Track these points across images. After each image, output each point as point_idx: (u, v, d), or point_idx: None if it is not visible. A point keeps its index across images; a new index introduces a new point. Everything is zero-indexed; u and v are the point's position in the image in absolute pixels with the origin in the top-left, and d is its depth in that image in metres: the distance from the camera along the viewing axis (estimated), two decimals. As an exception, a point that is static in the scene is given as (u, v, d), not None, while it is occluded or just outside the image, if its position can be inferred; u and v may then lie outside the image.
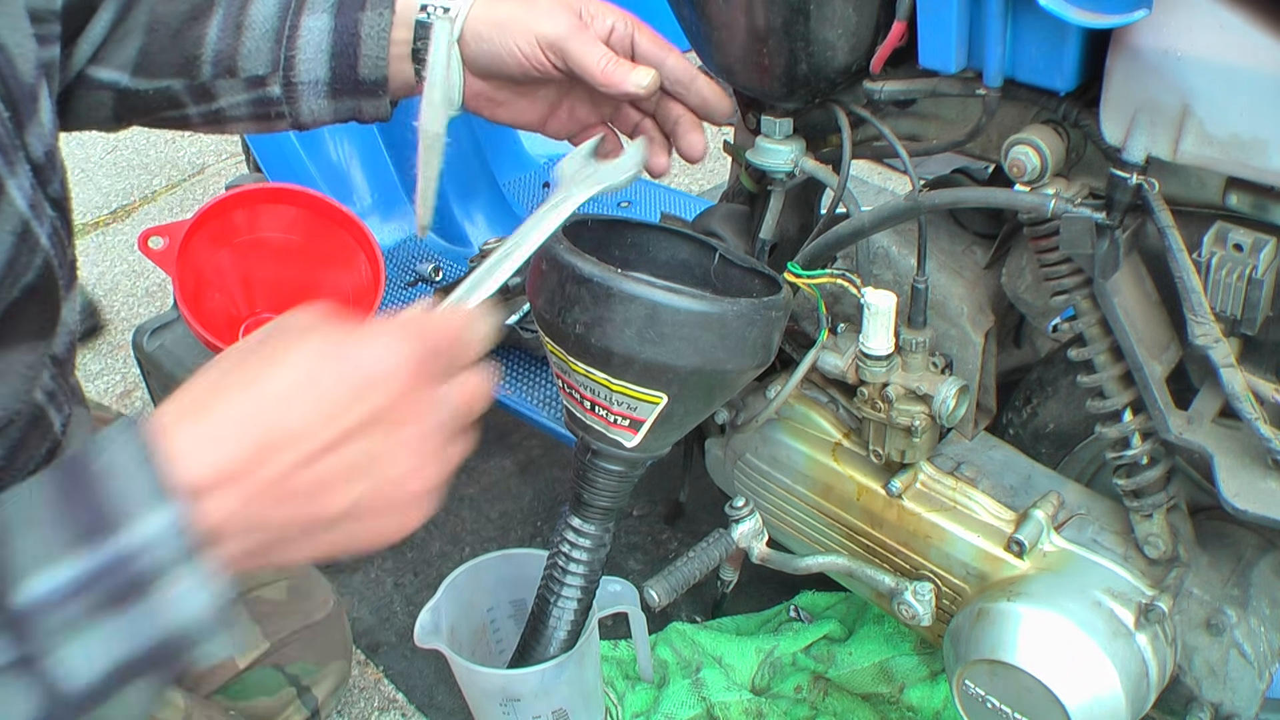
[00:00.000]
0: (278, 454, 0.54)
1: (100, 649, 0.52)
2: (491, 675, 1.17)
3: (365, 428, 0.56)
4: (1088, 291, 0.95)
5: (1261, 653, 1.01)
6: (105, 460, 0.53)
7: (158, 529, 0.52)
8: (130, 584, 0.52)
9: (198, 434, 0.54)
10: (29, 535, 0.52)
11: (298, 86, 0.93)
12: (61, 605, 0.51)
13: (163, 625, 0.53)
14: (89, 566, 0.51)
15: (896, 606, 1.14)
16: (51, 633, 0.51)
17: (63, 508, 0.52)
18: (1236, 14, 0.74)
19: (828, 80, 0.96)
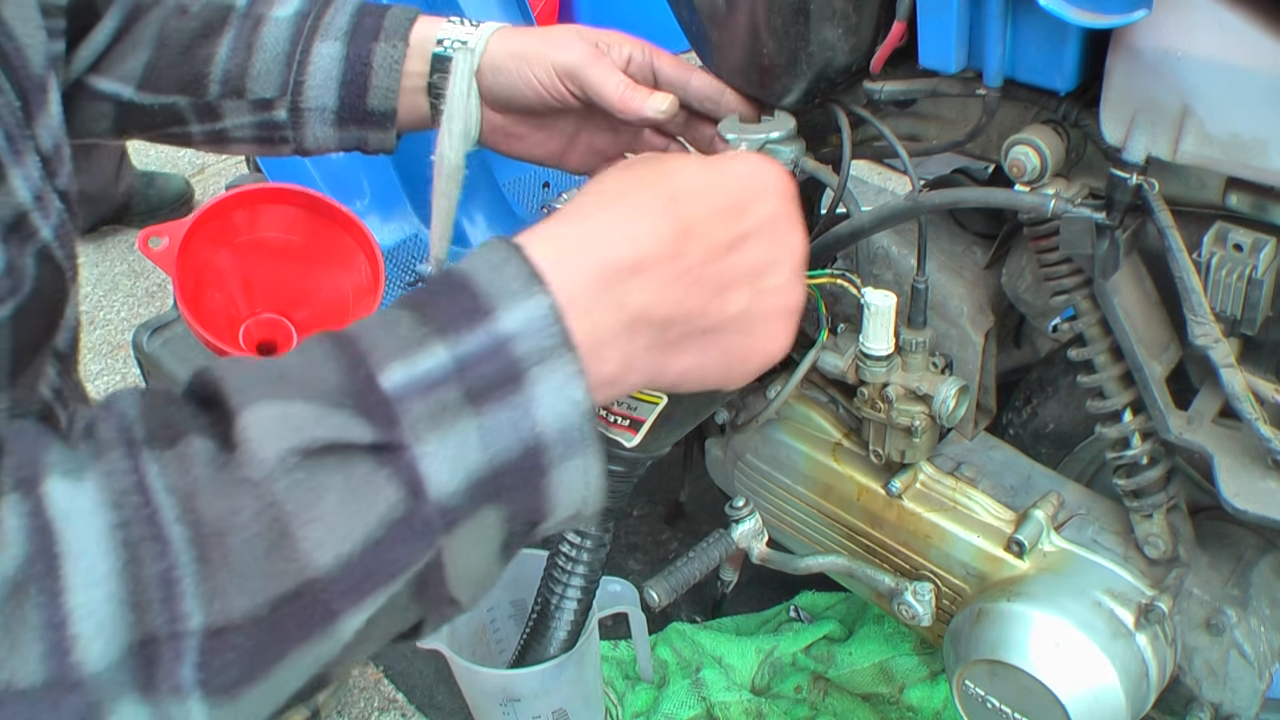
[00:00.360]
0: (692, 242, 0.55)
1: (463, 453, 0.48)
2: (491, 675, 1.17)
3: (759, 232, 0.57)
4: (1088, 291, 0.95)
5: (1261, 653, 1.01)
6: (467, 263, 0.51)
7: (532, 316, 0.49)
8: (500, 373, 0.48)
9: (612, 224, 0.54)
10: (391, 330, 0.49)
11: (305, 112, 0.92)
12: (428, 392, 0.47)
13: (527, 428, 0.49)
14: (458, 353, 0.48)
15: (896, 606, 1.14)
16: (416, 422, 0.47)
17: (424, 307, 0.50)
18: (1236, 14, 0.74)
19: (828, 80, 0.96)
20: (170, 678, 0.44)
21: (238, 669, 0.45)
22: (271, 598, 0.45)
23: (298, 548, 0.45)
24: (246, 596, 0.45)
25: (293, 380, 0.47)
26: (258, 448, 0.45)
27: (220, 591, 0.44)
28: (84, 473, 0.44)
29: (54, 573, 0.42)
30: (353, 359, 0.48)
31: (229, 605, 0.44)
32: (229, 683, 0.45)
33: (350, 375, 0.48)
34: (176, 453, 0.45)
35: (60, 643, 0.42)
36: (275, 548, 0.45)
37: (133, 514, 0.44)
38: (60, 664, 0.42)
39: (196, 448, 0.46)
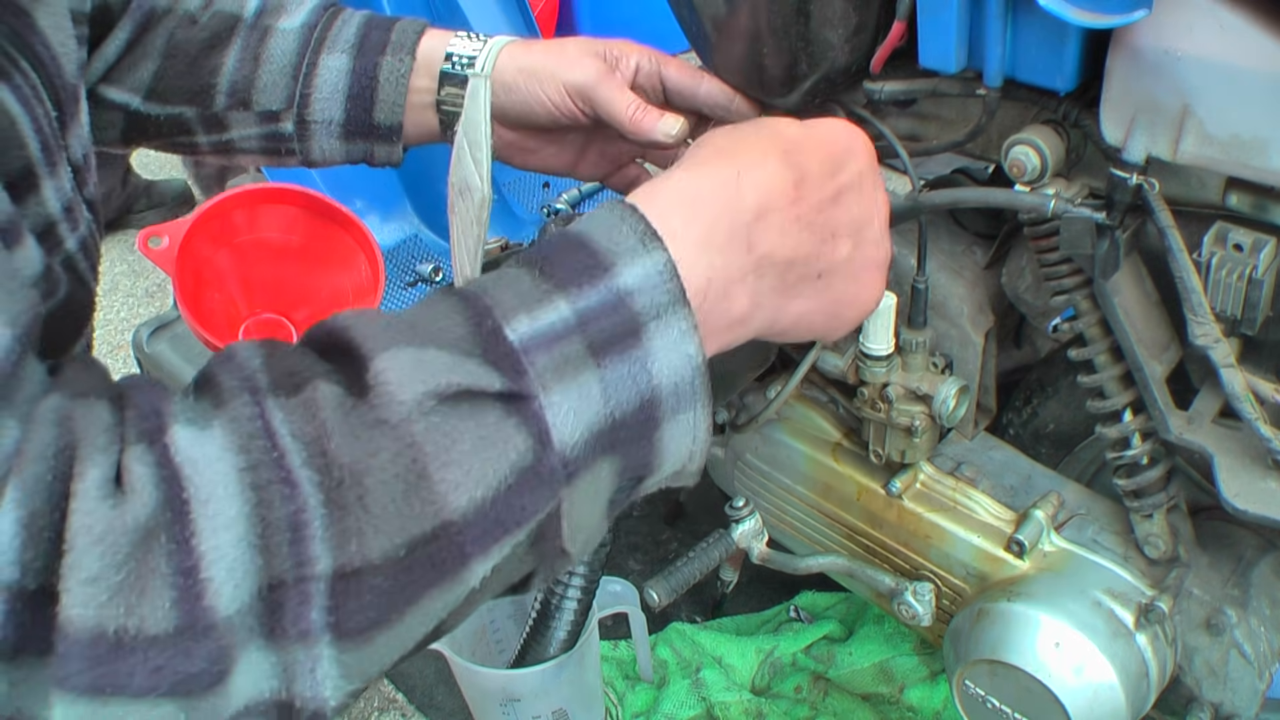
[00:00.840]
0: (806, 188, 0.58)
1: (586, 402, 0.49)
2: (491, 675, 1.17)
3: (855, 187, 0.62)
4: (1088, 291, 0.95)
5: (1261, 653, 1.01)
6: (583, 225, 0.53)
7: (649, 271, 0.51)
8: (620, 326, 0.50)
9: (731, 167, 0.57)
10: (512, 286, 0.51)
11: (311, 125, 0.92)
12: (553, 345, 0.49)
13: (646, 379, 0.51)
14: (579, 307, 0.50)
15: (896, 606, 1.14)
16: (543, 373, 0.49)
17: (543, 264, 0.51)
18: (1236, 14, 0.74)
19: (828, 80, 0.96)
20: (298, 622, 0.44)
21: (374, 611, 0.45)
22: (409, 539, 0.45)
23: (435, 490, 0.46)
24: (385, 538, 0.45)
25: (422, 329, 0.48)
26: (396, 390, 0.46)
27: (355, 533, 0.44)
28: (209, 420, 0.45)
29: (184, 519, 0.42)
30: (478, 312, 0.49)
31: (366, 547, 0.44)
32: (363, 625, 0.45)
33: (477, 327, 0.49)
34: (302, 399, 0.46)
35: (191, 588, 0.42)
36: (414, 489, 0.45)
37: (260, 458, 0.44)
38: (191, 609, 0.42)
39: (324, 393, 0.46)
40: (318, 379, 0.47)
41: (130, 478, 0.43)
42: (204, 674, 0.43)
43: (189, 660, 0.43)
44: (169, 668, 0.42)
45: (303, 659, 0.45)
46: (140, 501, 0.42)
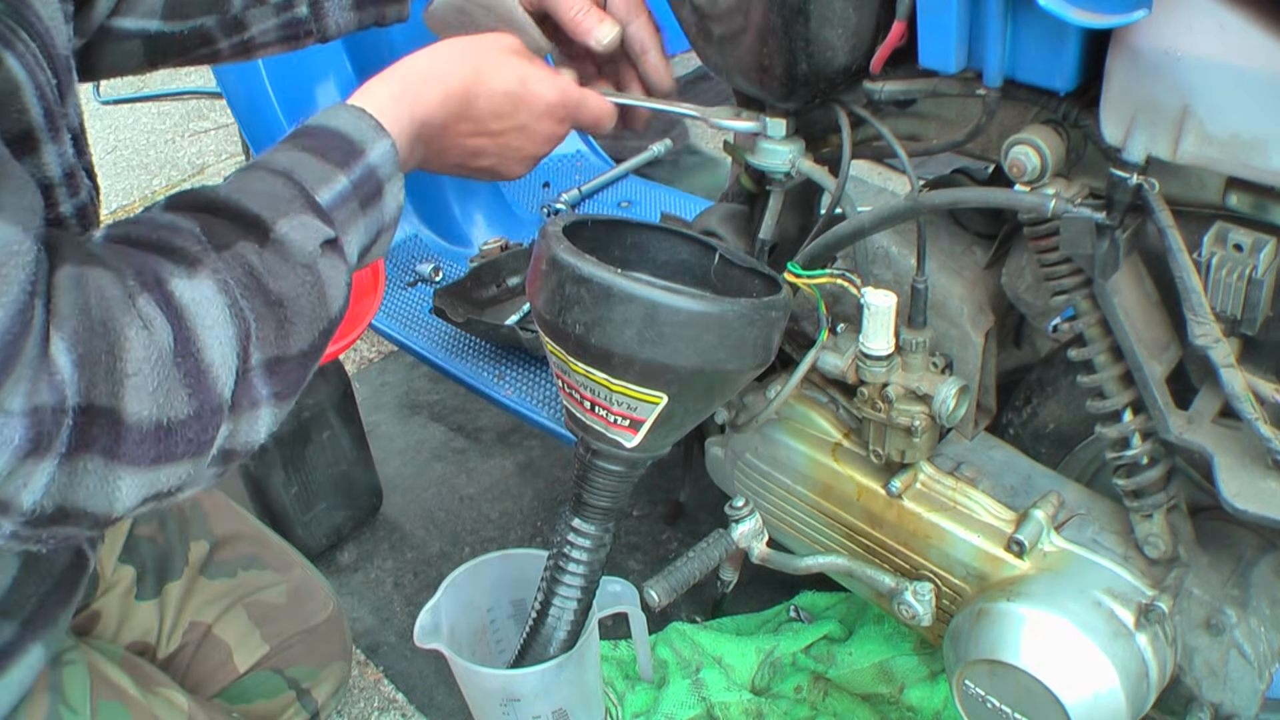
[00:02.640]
0: (465, 124, 0.89)
1: (360, 237, 0.79)
2: (491, 675, 1.17)
3: (515, 131, 0.92)
4: (1088, 291, 0.95)
5: (1261, 653, 1.01)
6: (337, 121, 0.79)
7: (383, 152, 0.80)
8: (376, 187, 0.79)
9: (431, 97, 0.85)
10: (308, 169, 0.75)
11: (324, 4, 1.02)
12: (343, 205, 0.76)
13: (384, 216, 0.81)
14: (353, 177, 0.77)
15: (896, 606, 1.14)
16: (342, 222, 0.76)
17: (321, 151, 0.77)
18: (1236, 14, 0.74)
19: (828, 80, 0.96)
20: (248, 395, 0.69)
21: (297, 381, 0.73)
22: (317, 333, 0.73)
23: (329, 303, 0.74)
24: (306, 336, 0.72)
25: (282, 202, 0.73)
26: (302, 244, 0.72)
27: (287, 335, 0.70)
28: (195, 271, 0.66)
29: (195, 341, 0.65)
30: (299, 189, 0.74)
31: (291, 345, 0.71)
32: (292, 389, 0.73)
33: (305, 198, 0.74)
34: (234, 253, 0.69)
35: (207, 384, 0.65)
36: (320, 303, 0.73)
37: (232, 295, 0.67)
38: (206, 397, 0.65)
39: (247, 249, 0.69)
40: (237, 240, 0.70)
41: (147, 317, 0.63)
42: (209, 439, 0.67)
43: (205, 431, 0.66)
44: (195, 439, 0.66)
45: (248, 420, 0.70)
46: (163, 333, 0.63)
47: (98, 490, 0.63)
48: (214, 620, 1.12)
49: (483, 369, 1.61)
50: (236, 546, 1.17)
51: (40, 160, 0.75)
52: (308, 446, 1.60)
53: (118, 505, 0.64)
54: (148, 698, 0.97)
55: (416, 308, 1.78)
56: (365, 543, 1.73)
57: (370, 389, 2.07)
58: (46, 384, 0.58)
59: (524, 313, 1.71)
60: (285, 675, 1.16)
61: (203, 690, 1.11)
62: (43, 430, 0.59)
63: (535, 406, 1.54)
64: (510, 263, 1.78)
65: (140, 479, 0.64)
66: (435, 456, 1.89)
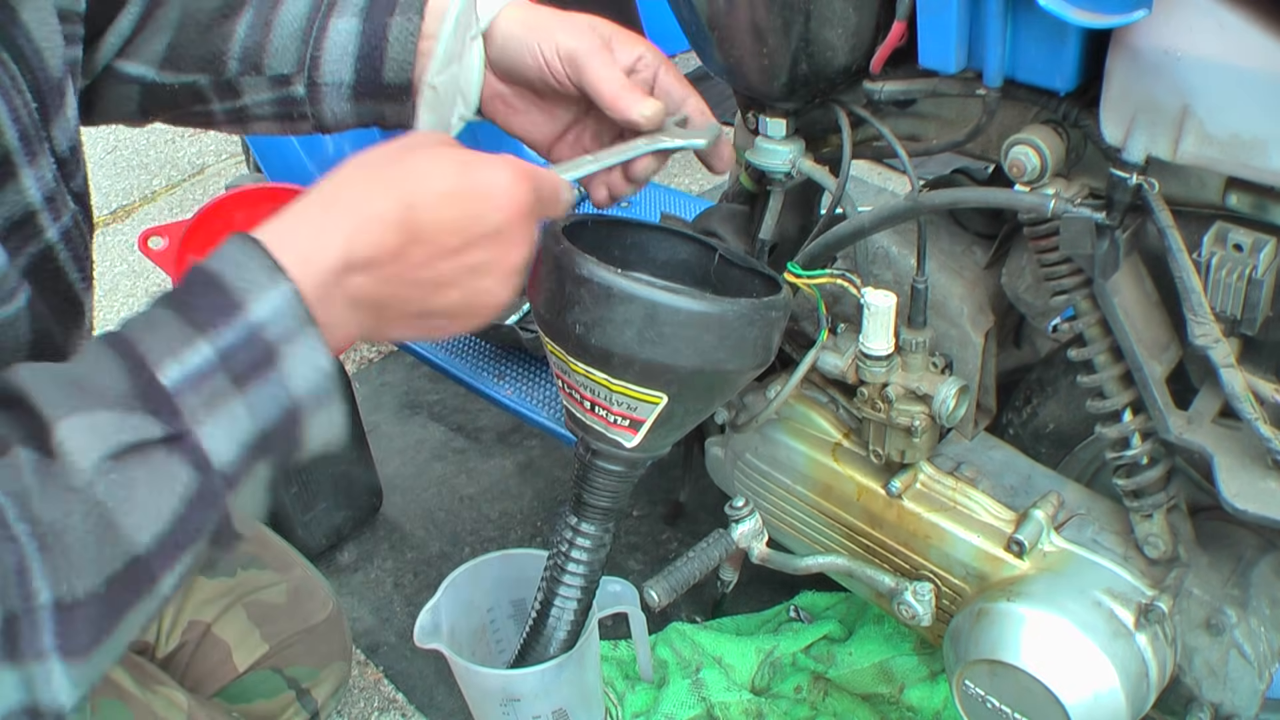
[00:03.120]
0: (417, 248, 0.66)
1: (236, 426, 0.59)
2: (491, 675, 1.17)
3: (483, 242, 0.69)
4: (1088, 291, 0.95)
5: (1261, 653, 1.01)
6: (219, 261, 0.61)
7: (274, 306, 0.60)
8: (260, 355, 0.59)
9: (349, 224, 0.64)
10: (161, 331, 0.59)
11: (321, 88, 0.93)
12: (201, 383, 0.58)
13: (285, 395, 0.61)
14: (219, 345, 0.59)
15: (896, 606, 1.14)
16: (195, 409, 0.58)
17: (184, 308, 0.60)
18: (1236, 14, 0.74)
19: (828, 80, 0.96)
20: (33, 645, 0.55)
21: (87, 635, 0.56)
22: (106, 577, 0.56)
23: (121, 534, 0.56)
24: (88, 579, 0.56)
25: (90, 389, 0.57)
26: (78, 458, 0.55)
27: (65, 575, 0.55)
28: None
29: None
30: (135, 363, 0.58)
31: (74, 586, 0.55)
32: (82, 646, 0.56)
33: (135, 379, 0.57)
34: (7, 462, 0.55)
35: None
36: (104, 538, 0.56)
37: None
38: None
39: (23, 458, 0.55)
40: (15, 444, 0.56)
41: None
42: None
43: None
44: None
45: (40, 674, 0.55)
46: None
47: None
48: (213, 619, 1.12)
49: (483, 369, 1.61)
50: (236, 547, 1.16)
51: (19, 185, 0.73)
52: (308, 446, 1.60)
53: None
54: (147, 696, 0.97)
55: (416, 308, 1.78)
56: (365, 543, 1.73)
57: (370, 389, 2.07)
58: None
59: (524, 313, 1.71)
60: (285, 675, 1.16)
61: (202, 689, 1.11)
62: None
63: (535, 406, 1.54)
64: (510, 263, 1.78)
65: None
66: (435, 456, 1.89)
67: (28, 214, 0.75)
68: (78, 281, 0.82)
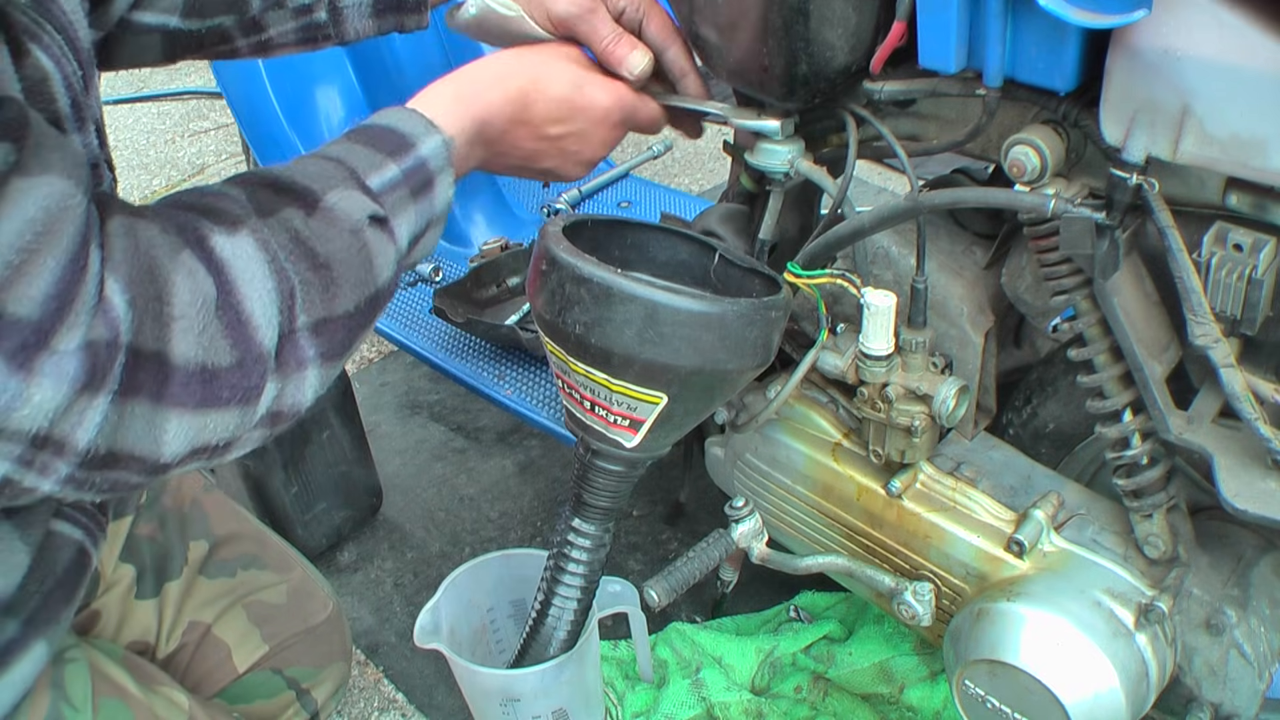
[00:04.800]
0: (523, 128, 0.93)
1: (410, 223, 0.82)
2: (491, 675, 1.17)
3: (576, 136, 0.96)
4: (1088, 291, 0.95)
5: (1261, 653, 1.01)
6: (390, 119, 0.83)
7: (435, 146, 0.83)
8: (427, 178, 0.82)
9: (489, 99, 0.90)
10: (359, 157, 0.79)
11: (343, 10, 1.04)
12: (394, 190, 0.80)
13: (434, 207, 0.84)
14: (404, 166, 0.81)
15: (896, 606, 1.14)
16: (392, 206, 0.79)
17: (374, 141, 0.81)
18: (1236, 14, 0.74)
19: (828, 80, 0.96)
20: (295, 355, 0.72)
21: (343, 344, 0.75)
22: (361, 299, 0.76)
23: (375, 271, 0.77)
24: (350, 298, 0.75)
25: (334, 178, 0.77)
26: (349, 212, 0.75)
27: (333, 296, 0.73)
28: (236, 230, 0.70)
29: (236, 293, 0.68)
30: (350, 171, 0.78)
31: (337, 306, 0.74)
32: (338, 351, 0.75)
33: (355, 180, 0.78)
34: (279, 218, 0.72)
35: (248, 333, 0.68)
36: (366, 270, 0.76)
37: (273, 254, 0.70)
38: (248, 346, 0.68)
39: (293, 215, 0.73)
40: (285, 207, 0.73)
41: (190, 267, 0.67)
42: (256, 387, 0.69)
43: (249, 378, 0.69)
44: (240, 385, 0.68)
45: (294, 380, 0.72)
46: (205, 284, 0.67)
47: (145, 433, 0.65)
48: (214, 620, 1.12)
49: (483, 369, 1.61)
50: (236, 546, 1.17)
51: None
52: (308, 446, 1.60)
53: (165, 450, 0.67)
54: (149, 696, 0.97)
55: (416, 308, 1.78)
56: (365, 543, 1.73)
57: (370, 389, 2.07)
58: (102, 321, 0.62)
59: (524, 313, 1.71)
60: (285, 675, 1.16)
61: (202, 690, 1.11)
62: (98, 365, 0.62)
63: (535, 406, 1.54)
64: (510, 263, 1.78)
65: (186, 423, 0.67)
66: (435, 456, 1.89)
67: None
68: None
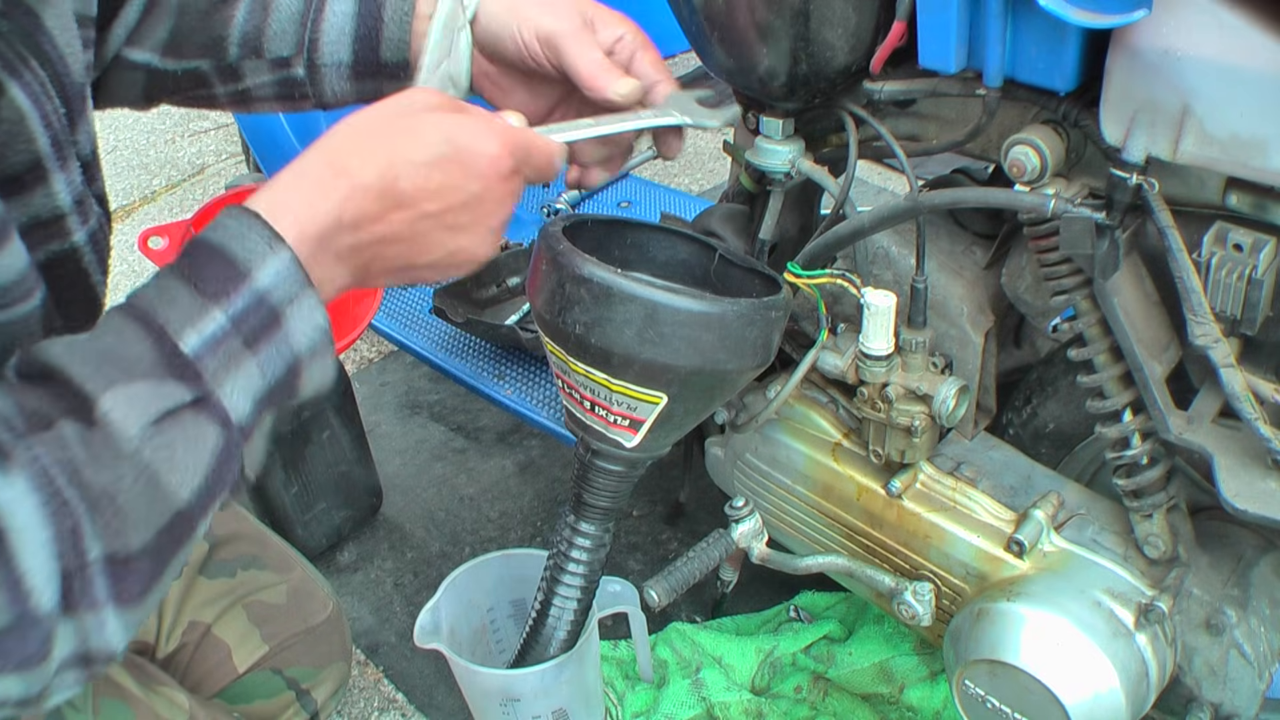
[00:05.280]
0: (400, 213, 0.71)
1: (250, 383, 0.65)
2: (491, 675, 1.17)
3: (466, 205, 0.74)
4: (1088, 291, 0.95)
5: (1261, 653, 1.01)
6: (222, 234, 0.66)
7: (277, 271, 0.66)
8: (268, 317, 0.65)
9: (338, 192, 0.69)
10: (177, 303, 0.64)
11: (321, 69, 0.95)
12: (218, 347, 0.64)
13: (290, 352, 0.67)
14: (231, 313, 0.64)
15: (896, 606, 1.14)
16: (215, 372, 0.64)
17: (195, 280, 0.65)
18: (1236, 14, 0.74)
19: (828, 80, 0.96)
20: (86, 596, 0.60)
21: (140, 584, 0.62)
22: (155, 530, 0.62)
23: (168, 491, 0.62)
24: (138, 534, 0.61)
25: (121, 362, 0.62)
26: (124, 427, 0.60)
27: (117, 532, 0.60)
28: (7, 464, 0.57)
29: (8, 545, 0.56)
30: (157, 334, 0.63)
31: (126, 542, 0.61)
32: (135, 593, 0.62)
33: (160, 349, 0.63)
34: (54, 435, 0.59)
35: (21, 594, 0.57)
36: (153, 497, 0.62)
37: (49, 492, 0.58)
38: (23, 608, 0.57)
39: (67, 431, 0.60)
40: (59, 418, 0.60)
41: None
42: (37, 652, 0.59)
43: (25, 644, 0.58)
44: (14, 651, 0.58)
45: (93, 624, 0.61)
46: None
47: None
48: (213, 620, 1.12)
49: (483, 369, 1.61)
50: (236, 546, 1.17)
51: (50, 189, 0.74)
52: (308, 446, 1.60)
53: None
54: (149, 696, 0.97)
55: (416, 308, 1.78)
56: (365, 543, 1.73)
57: (370, 389, 2.07)
58: None
59: (524, 313, 1.71)
60: (285, 675, 1.16)
61: (202, 690, 1.11)
62: None
63: (535, 406, 1.54)
64: (510, 263, 1.78)
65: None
66: (435, 456, 1.89)
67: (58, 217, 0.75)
68: (100, 283, 0.83)
